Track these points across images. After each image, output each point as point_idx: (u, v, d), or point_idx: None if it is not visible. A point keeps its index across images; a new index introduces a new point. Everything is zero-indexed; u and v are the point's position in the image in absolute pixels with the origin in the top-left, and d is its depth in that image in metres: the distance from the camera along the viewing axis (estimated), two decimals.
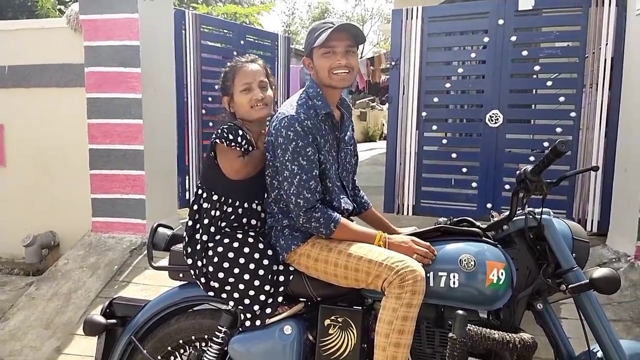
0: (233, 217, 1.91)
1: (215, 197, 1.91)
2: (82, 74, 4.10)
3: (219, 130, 1.87)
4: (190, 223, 1.94)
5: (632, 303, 3.00)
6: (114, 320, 2.05)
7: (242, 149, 1.88)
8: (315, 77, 1.91)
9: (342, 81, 1.86)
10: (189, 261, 1.92)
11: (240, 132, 1.87)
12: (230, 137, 1.85)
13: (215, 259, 1.86)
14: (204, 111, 4.90)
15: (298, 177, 1.78)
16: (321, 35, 1.80)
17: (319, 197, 1.81)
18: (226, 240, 1.88)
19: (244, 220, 1.94)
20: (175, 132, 4.59)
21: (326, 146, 1.88)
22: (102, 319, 2.02)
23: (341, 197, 1.94)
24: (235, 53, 4.83)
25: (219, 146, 1.87)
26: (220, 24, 5.69)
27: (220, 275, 1.86)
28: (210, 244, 1.88)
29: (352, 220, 2.03)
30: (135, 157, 4.08)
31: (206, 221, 1.90)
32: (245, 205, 1.94)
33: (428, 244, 1.79)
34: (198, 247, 1.90)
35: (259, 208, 1.98)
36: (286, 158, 1.79)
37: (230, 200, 1.91)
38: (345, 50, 1.83)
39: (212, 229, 1.90)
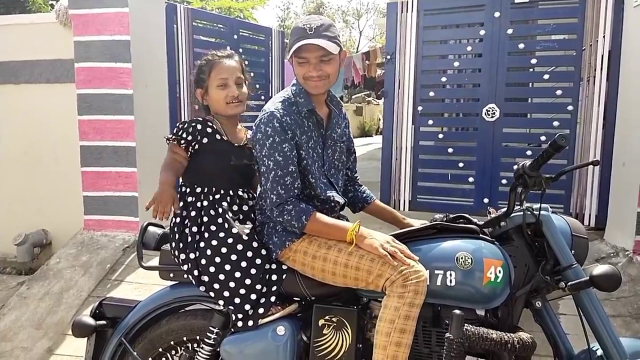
0: (224, 204, 1.89)
1: (198, 190, 1.90)
2: (72, 70, 4.03)
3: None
4: (177, 220, 1.90)
5: (631, 298, 2.97)
6: (103, 322, 2.00)
7: (183, 143, 1.92)
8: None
9: (316, 88, 1.82)
10: (182, 256, 1.87)
11: (190, 129, 1.92)
12: (174, 130, 1.94)
13: (208, 252, 1.83)
14: (196, 107, 4.81)
15: (273, 172, 1.76)
16: (294, 45, 1.75)
17: (294, 193, 1.77)
18: (221, 234, 1.84)
19: (235, 207, 1.91)
20: (168, 128, 4.52)
21: (309, 143, 1.84)
22: (91, 321, 1.97)
23: (329, 191, 1.89)
24: (228, 48, 4.76)
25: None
26: (213, 19, 5.62)
27: (212, 269, 1.82)
28: (206, 235, 1.85)
29: (344, 217, 1.99)
30: (127, 154, 4.03)
31: (194, 213, 1.88)
32: (231, 192, 1.92)
33: (404, 246, 1.70)
34: (189, 239, 1.86)
35: (246, 195, 1.97)
36: (263, 153, 1.77)
37: (214, 189, 1.90)
38: (319, 61, 1.78)
39: (205, 219, 1.87)
